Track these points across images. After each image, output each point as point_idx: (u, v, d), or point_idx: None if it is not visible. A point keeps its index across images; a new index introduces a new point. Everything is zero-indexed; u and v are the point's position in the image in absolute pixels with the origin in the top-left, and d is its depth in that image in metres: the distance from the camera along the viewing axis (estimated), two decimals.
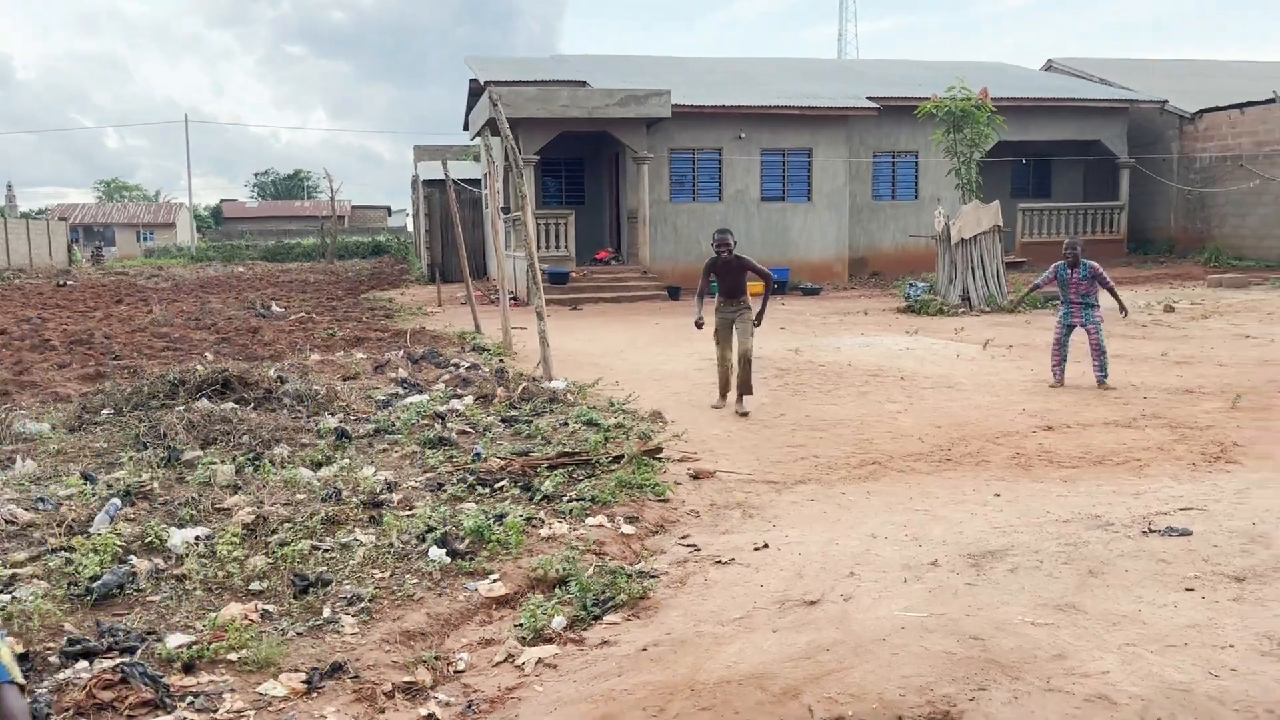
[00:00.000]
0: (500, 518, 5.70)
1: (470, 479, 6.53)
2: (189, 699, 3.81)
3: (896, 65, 32.16)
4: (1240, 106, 25.48)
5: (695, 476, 7.04)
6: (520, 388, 9.51)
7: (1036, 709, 3.41)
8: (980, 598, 4.50)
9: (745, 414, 9.19)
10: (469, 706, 3.86)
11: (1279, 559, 4.81)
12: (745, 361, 9.32)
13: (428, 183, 30.82)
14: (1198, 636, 3.94)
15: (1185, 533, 5.28)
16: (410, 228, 48.97)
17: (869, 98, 24.67)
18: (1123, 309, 10.65)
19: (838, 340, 14.12)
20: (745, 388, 9.37)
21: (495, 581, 4.97)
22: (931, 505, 6.33)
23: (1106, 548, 5.11)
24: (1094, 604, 4.36)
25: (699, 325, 9.58)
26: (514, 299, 20.70)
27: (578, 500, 6.15)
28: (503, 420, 8.47)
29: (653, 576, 5.07)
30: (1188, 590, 4.48)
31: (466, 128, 29.59)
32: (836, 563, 5.12)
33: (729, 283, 9.45)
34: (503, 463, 6.89)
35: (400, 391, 9.66)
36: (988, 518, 5.93)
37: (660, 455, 7.34)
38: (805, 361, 12.19)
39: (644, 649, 4.15)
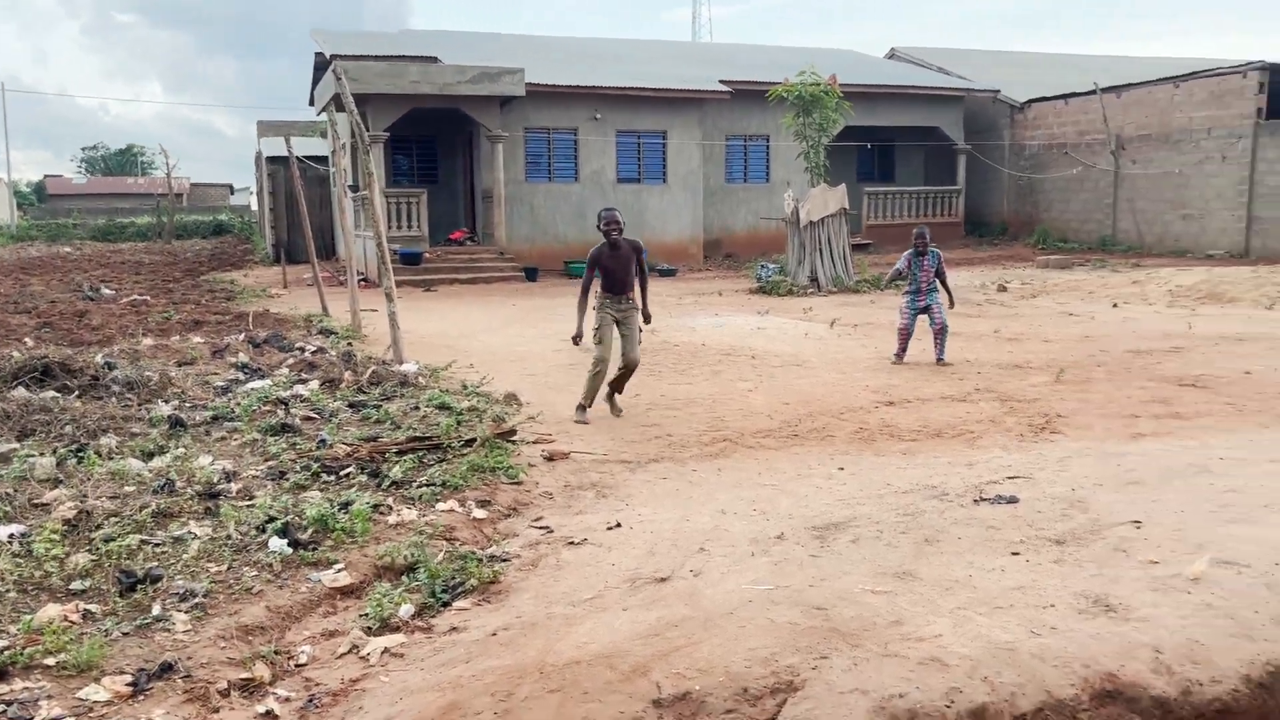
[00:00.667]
0: (346, 505, 5.53)
1: (315, 466, 6.31)
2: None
3: (749, 50, 32.71)
4: (1065, 97, 26.99)
5: (550, 458, 7.00)
6: (369, 371, 9.26)
7: (874, 674, 3.53)
8: (824, 569, 4.64)
9: (621, 412, 8.44)
10: (310, 701, 3.73)
11: (1095, 522, 5.13)
12: (631, 371, 8.43)
13: (272, 159, 29.60)
14: (1022, 598, 4.16)
15: (1013, 500, 5.57)
16: (254, 206, 47.05)
17: (722, 81, 25.00)
18: (950, 302, 11.13)
19: (693, 321, 14.29)
20: (621, 390, 8.56)
21: (340, 571, 4.82)
22: (779, 480, 6.48)
23: (941, 516, 5.34)
24: (929, 571, 4.54)
25: (577, 340, 8.23)
26: (364, 280, 20.13)
27: (428, 485, 6.03)
28: (350, 405, 8.22)
29: (504, 560, 5.02)
30: (1014, 554, 4.73)
31: (312, 103, 28.54)
32: (687, 539, 5.18)
33: (619, 275, 8.16)
34: (349, 449, 6.69)
35: (241, 377, 9.26)
36: (832, 491, 6.12)
37: (514, 438, 7.26)
38: (661, 342, 12.29)
39: (493, 634, 4.10)
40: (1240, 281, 15.81)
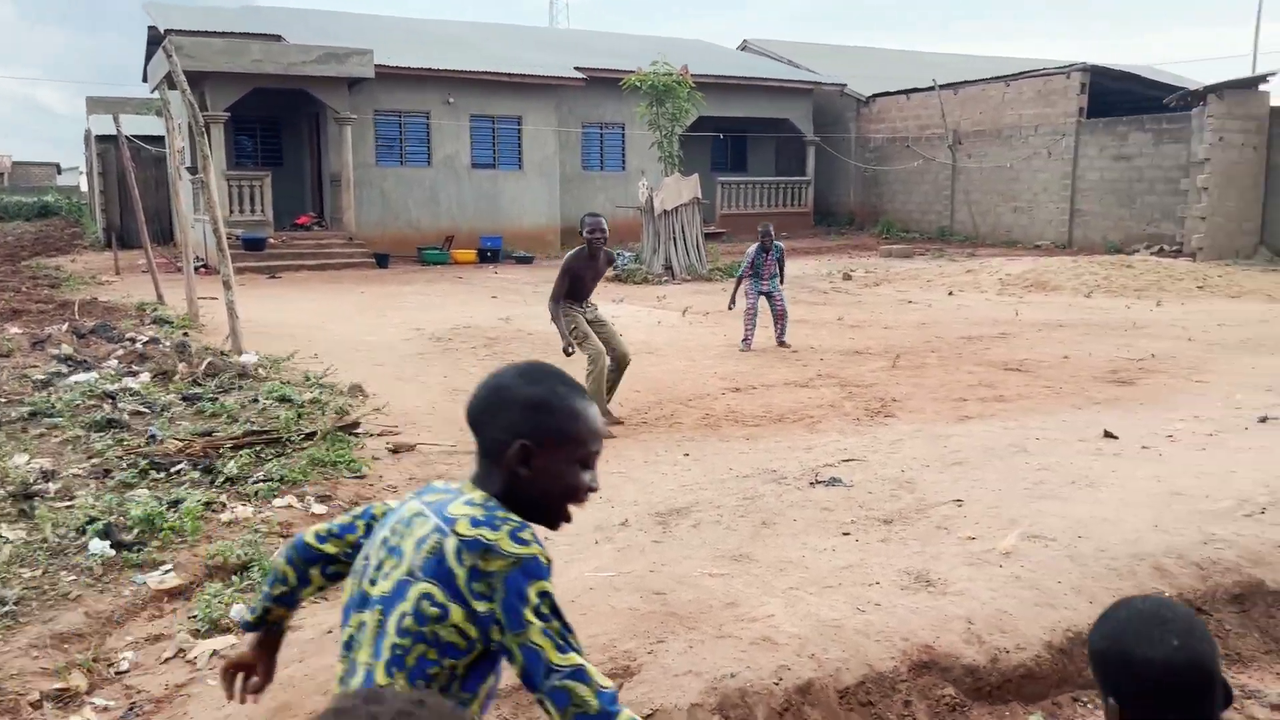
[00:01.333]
0: (176, 504, 5.32)
1: (143, 463, 6.03)
2: None
3: (605, 37, 32.76)
4: (907, 93, 28.10)
5: (395, 450, 6.89)
6: (205, 363, 8.89)
7: (709, 655, 3.64)
8: (665, 554, 4.73)
9: (620, 421, 7.91)
10: (131, 709, 3.59)
11: (921, 501, 5.40)
12: (624, 368, 8.01)
13: (103, 138, 27.92)
14: (850, 576, 4.35)
15: (846, 482, 5.81)
16: (84, 187, 44.30)
17: (577, 68, 24.97)
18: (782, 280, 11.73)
19: (509, 309, 14.26)
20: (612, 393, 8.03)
21: (168, 572, 4.64)
22: (627, 468, 6.57)
23: (779, 499, 5.52)
24: (765, 553, 4.70)
25: (569, 352, 7.61)
26: (204, 266, 19.28)
27: (265, 481, 5.85)
28: (184, 398, 7.88)
29: None
30: (845, 534, 4.94)
31: (146, 79, 27.10)
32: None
33: (588, 284, 7.84)
34: (181, 444, 6.42)
35: (63, 370, 8.74)
36: (677, 477, 6.24)
37: (358, 430, 7.11)
38: (515, 330, 12.24)
39: (329, 631, 4.02)
40: (1062, 271, 16.84)
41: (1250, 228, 20.42)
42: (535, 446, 1.79)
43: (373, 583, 1.81)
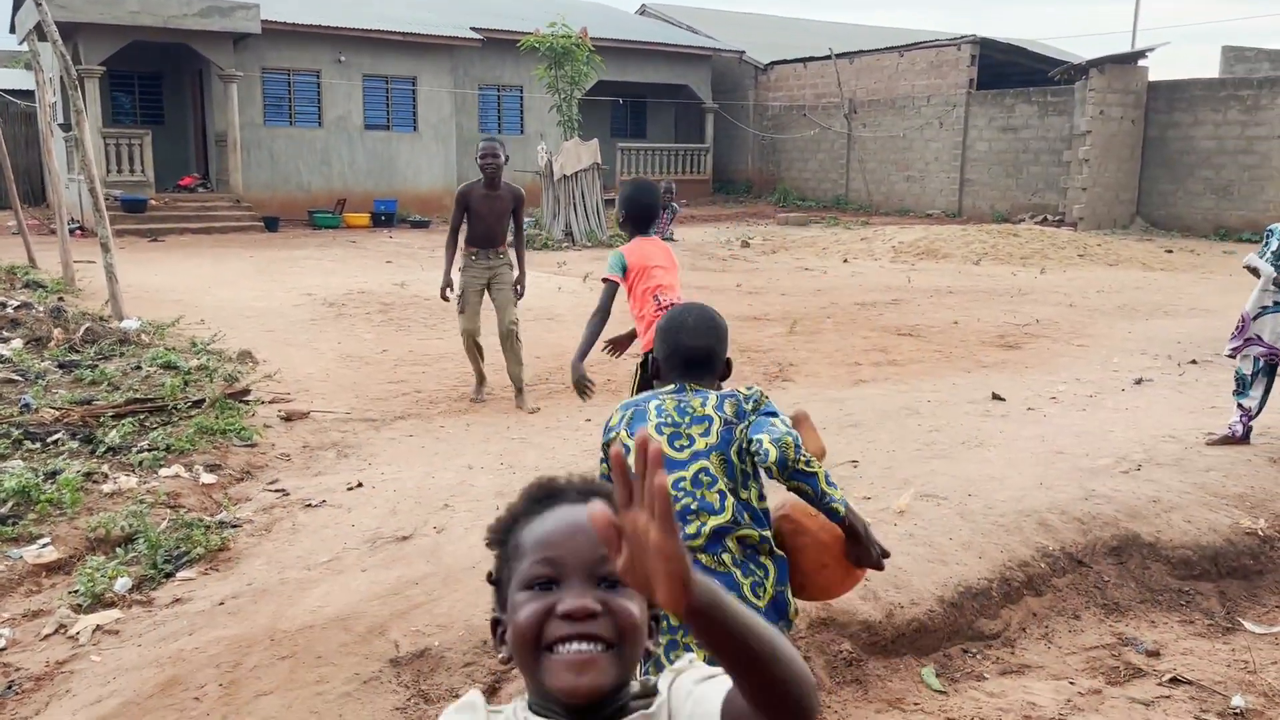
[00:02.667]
0: (53, 475, 5.07)
1: (16, 433, 5.72)
2: None
3: None
4: (804, 61, 28.38)
5: (287, 418, 6.70)
6: (83, 329, 8.47)
7: None
8: None
9: (536, 410, 7.18)
10: (9, 688, 3.42)
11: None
12: (512, 338, 7.21)
13: None
14: None
15: None
16: None
17: (473, 28, 24.45)
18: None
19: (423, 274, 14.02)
20: (519, 376, 7.29)
21: (45, 546, 4.42)
22: (528, 434, 6.53)
23: None
24: None
25: (446, 295, 7.09)
26: (80, 229, 18.40)
27: (150, 450, 5.62)
28: (60, 366, 7.50)
29: (235, 526, 4.77)
30: None
31: (14, 30, 25.53)
32: (431, 496, 5.13)
33: (491, 222, 7.01)
34: (58, 413, 6.12)
35: None
36: (578, 442, 6.22)
37: (248, 397, 6.89)
38: (411, 296, 12.00)
39: (221, 603, 3.90)
40: (952, 239, 17.31)
41: (1128, 198, 21.32)
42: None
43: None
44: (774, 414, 2.55)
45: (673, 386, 2.64)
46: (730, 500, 2.50)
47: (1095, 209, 20.77)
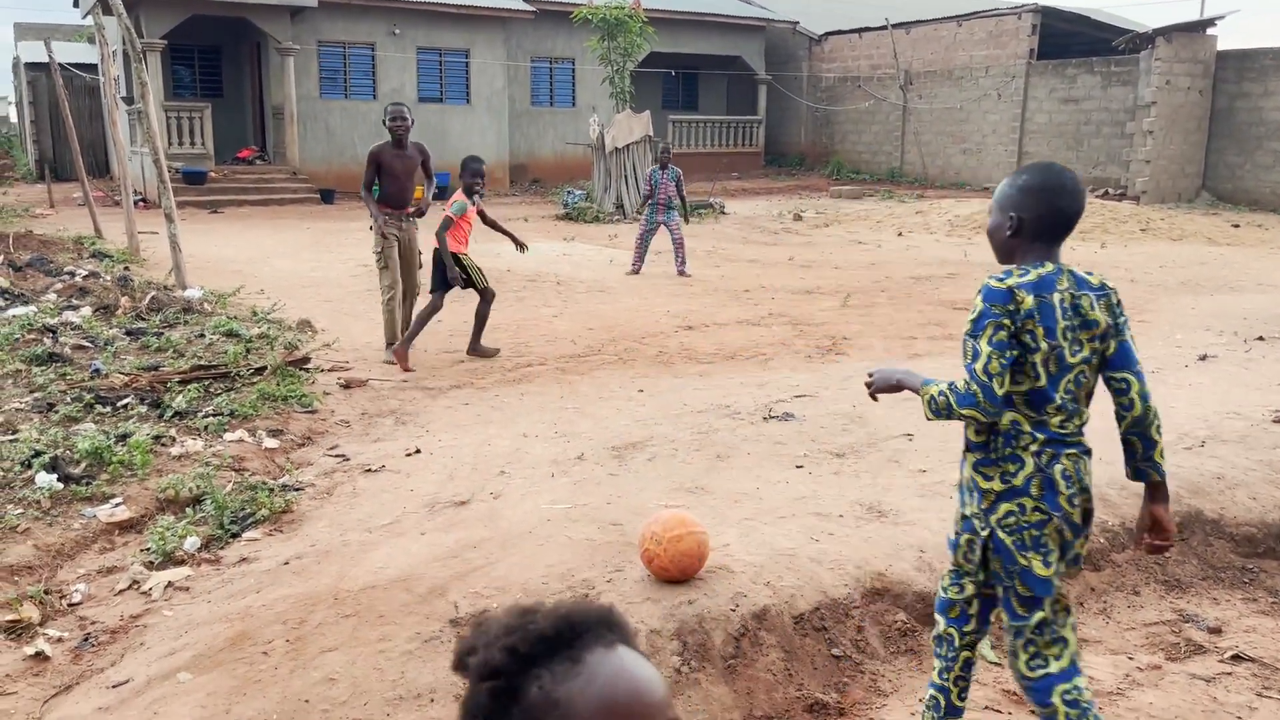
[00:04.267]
0: (124, 438, 5.22)
1: (88, 397, 5.90)
2: None
3: None
4: (859, 31, 27.96)
5: (346, 385, 6.82)
6: (149, 297, 8.69)
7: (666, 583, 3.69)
8: (621, 487, 4.76)
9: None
10: (86, 640, 3.56)
11: (872, 435, 5.49)
12: (413, 295, 7.89)
13: (33, 66, 26.84)
14: (803, 507, 4.42)
15: (799, 417, 5.87)
16: (14, 118, 42.60)
17: (526, 0, 24.44)
18: (686, 217, 12.06)
19: (497, 246, 14.10)
20: (404, 326, 7.76)
21: (118, 506, 4.57)
22: (581, 403, 6.57)
23: (733, 434, 5.57)
24: (720, 485, 4.75)
25: (385, 233, 7.54)
26: (142, 200, 18.76)
27: (215, 415, 5.76)
28: (128, 333, 7.71)
29: (297, 489, 4.88)
30: (798, 468, 5.01)
31: (77, 4, 26.03)
32: (488, 463, 5.20)
33: (402, 182, 7.62)
34: (127, 378, 6.29)
35: (0, 303, 8.50)
36: (632, 412, 6.26)
37: (308, 365, 7.02)
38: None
39: (285, 563, 4.01)
40: None
41: (1193, 171, 20.78)
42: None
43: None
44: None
45: (1052, 268, 2.58)
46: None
47: (1159, 182, 20.28)
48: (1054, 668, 2.60)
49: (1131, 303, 9.99)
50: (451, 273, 7.45)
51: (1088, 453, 2.60)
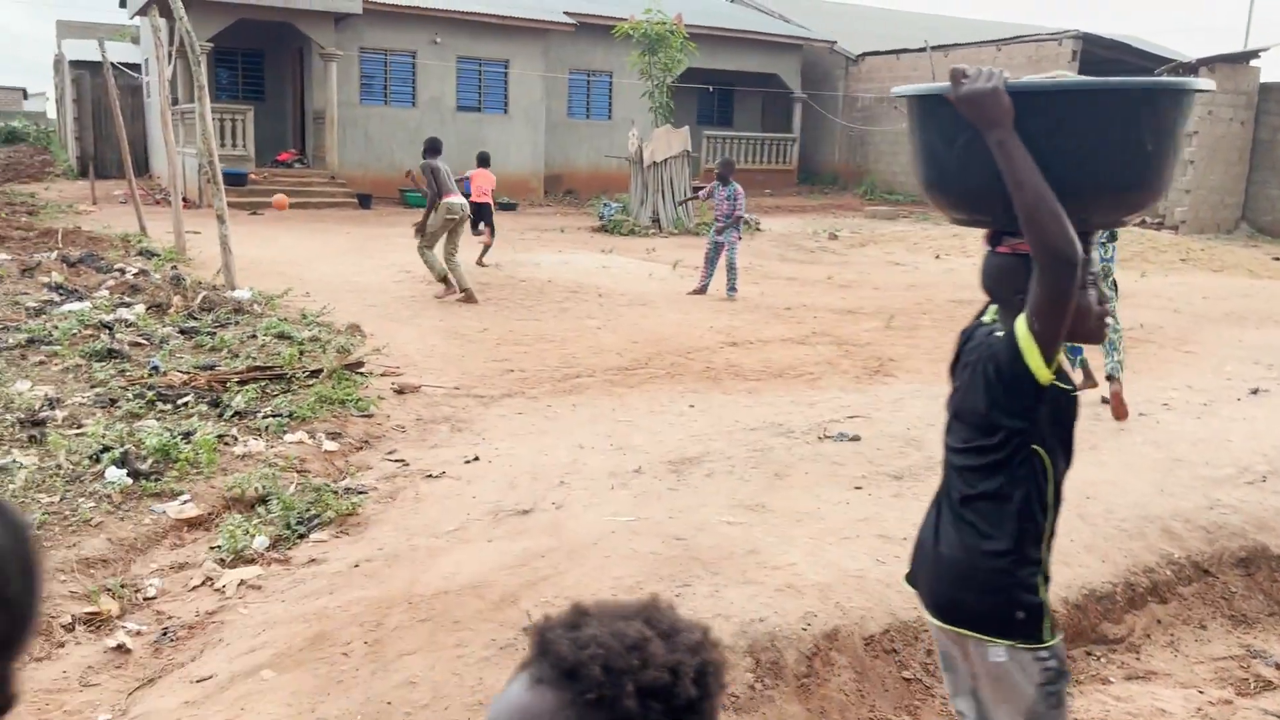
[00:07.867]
0: (188, 435, 5.29)
1: (149, 394, 5.98)
2: None
3: None
4: (897, 52, 27.96)
5: (400, 391, 6.88)
6: (200, 296, 8.79)
7: (735, 600, 3.70)
8: (681, 501, 4.79)
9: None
10: (164, 634, 3.61)
11: (930, 459, 5.48)
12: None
13: (76, 64, 27.23)
14: (867, 528, 4.43)
15: (854, 438, 5.88)
16: (53, 114, 43.15)
17: (566, 13, 24.58)
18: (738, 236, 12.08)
19: (536, 257, 14.21)
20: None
21: (186, 502, 4.63)
22: (633, 416, 6.60)
23: (789, 452, 5.58)
24: (780, 503, 4.76)
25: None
26: (184, 200, 18.94)
27: (274, 416, 5.82)
28: (181, 331, 7.80)
29: (361, 492, 4.93)
30: (857, 488, 5.01)
31: (124, 4, 26.40)
32: (547, 473, 5.23)
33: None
34: (185, 377, 6.37)
35: (55, 298, 8.62)
36: (685, 427, 6.28)
37: (362, 369, 7.09)
38: (506, 277, 12.19)
39: (356, 565, 4.05)
40: None
41: (1233, 202, 20.64)
42: None
43: None
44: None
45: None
46: None
47: (1199, 212, 20.16)
48: None
49: (1177, 333, 9.94)
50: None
51: None
